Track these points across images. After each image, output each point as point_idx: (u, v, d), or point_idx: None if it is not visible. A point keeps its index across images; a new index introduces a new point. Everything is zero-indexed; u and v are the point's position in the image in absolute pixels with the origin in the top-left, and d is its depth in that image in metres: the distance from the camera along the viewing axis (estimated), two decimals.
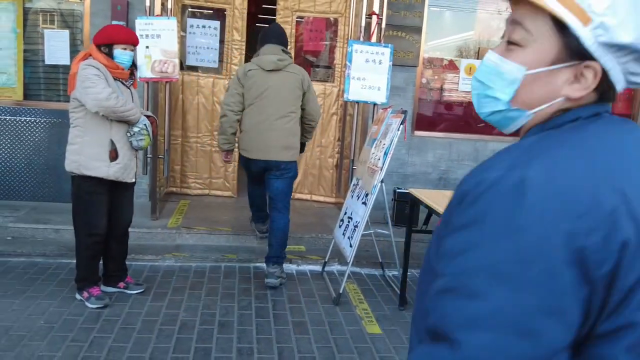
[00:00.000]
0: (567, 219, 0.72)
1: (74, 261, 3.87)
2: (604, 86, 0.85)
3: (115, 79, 3.63)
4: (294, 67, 4.28)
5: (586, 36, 0.81)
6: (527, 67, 0.87)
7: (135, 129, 3.79)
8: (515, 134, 0.98)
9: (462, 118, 6.64)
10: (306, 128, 4.45)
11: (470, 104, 6.57)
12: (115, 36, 3.62)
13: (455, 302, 0.76)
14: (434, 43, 6.44)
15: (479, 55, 6.62)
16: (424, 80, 6.34)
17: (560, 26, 0.83)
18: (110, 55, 3.62)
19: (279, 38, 4.33)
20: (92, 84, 3.44)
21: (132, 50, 3.73)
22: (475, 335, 0.73)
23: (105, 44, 3.61)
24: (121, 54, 3.65)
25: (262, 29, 4.52)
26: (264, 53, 4.23)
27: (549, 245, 0.72)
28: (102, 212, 3.74)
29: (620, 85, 0.86)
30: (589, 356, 0.76)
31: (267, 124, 4.16)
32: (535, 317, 0.72)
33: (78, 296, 3.82)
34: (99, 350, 3.21)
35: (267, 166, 4.23)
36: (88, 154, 3.60)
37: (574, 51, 0.83)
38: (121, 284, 4.03)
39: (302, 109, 4.33)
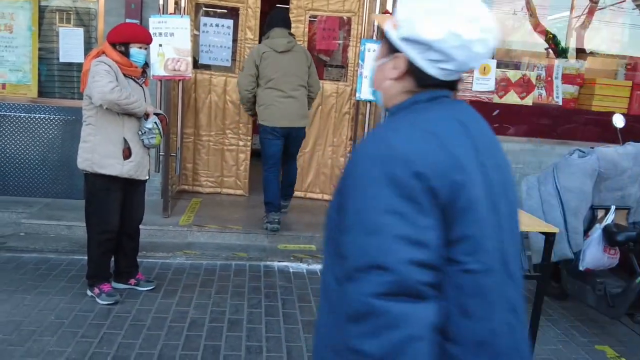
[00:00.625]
0: (413, 166, 1.08)
1: (86, 258, 3.90)
2: (417, 72, 1.22)
3: (127, 77, 3.65)
4: (299, 47, 5.17)
5: (394, 36, 1.22)
6: (376, 62, 1.31)
7: (147, 127, 3.81)
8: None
9: None
10: (309, 100, 5.24)
11: (484, 104, 6.51)
12: (133, 35, 3.65)
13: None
14: None
15: (494, 55, 6.56)
16: None
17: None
18: (126, 53, 3.65)
19: (285, 22, 5.13)
20: (100, 78, 3.46)
21: (146, 49, 3.75)
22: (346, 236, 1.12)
23: (121, 43, 3.63)
24: (137, 53, 3.68)
25: (268, 14, 5.24)
26: (274, 37, 4.97)
27: (401, 182, 1.08)
28: (115, 209, 3.75)
29: (432, 71, 1.20)
30: (448, 258, 1.11)
31: (285, 97, 4.93)
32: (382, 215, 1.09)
33: (89, 292, 3.84)
34: (109, 346, 3.22)
35: (289, 132, 5.02)
36: (101, 152, 3.62)
37: (392, 48, 1.24)
38: (132, 281, 4.04)
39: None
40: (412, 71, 1.22)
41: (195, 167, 6.33)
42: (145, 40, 3.72)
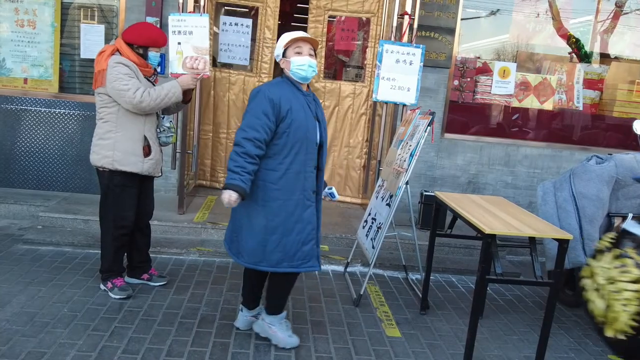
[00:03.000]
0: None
1: (100, 252, 3.94)
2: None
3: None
4: None
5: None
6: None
7: (166, 126, 3.87)
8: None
9: (494, 121, 6.52)
10: None
11: (503, 107, 6.45)
12: (154, 40, 3.71)
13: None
14: (468, 44, 6.34)
15: (516, 58, 6.50)
16: (455, 82, 6.25)
17: None
18: (144, 55, 3.70)
19: None
20: (125, 86, 3.49)
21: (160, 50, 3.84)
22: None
23: (142, 45, 3.67)
24: (154, 56, 3.78)
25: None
26: None
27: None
28: (131, 205, 3.80)
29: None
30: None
31: None
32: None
33: (102, 286, 3.89)
34: (119, 340, 3.25)
35: None
36: (123, 149, 3.65)
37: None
38: (145, 276, 4.08)
39: None
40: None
41: (213, 163, 6.37)
42: (164, 44, 3.80)
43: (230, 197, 2.91)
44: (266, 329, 3.38)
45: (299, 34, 3.14)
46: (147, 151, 3.74)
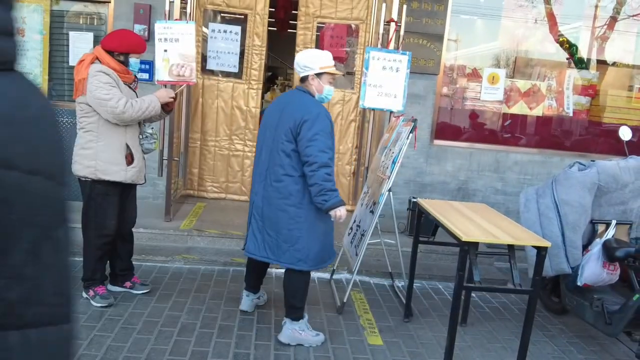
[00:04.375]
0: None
1: (82, 260, 3.92)
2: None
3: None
4: None
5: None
6: None
7: (148, 132, 3.87)
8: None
9: (483, 128, 6.52)
10: None
11: (492, 113, 6.45)
12: (135, 46, 3.71)
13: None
14: (456, 51, 6.35)
15: (513, 64, 6.50)
16: (444, 89, 6.25)
17: None
18: (125, 62, 3.70)
19: None
20: (106, 95, 3.48)
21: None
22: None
23: (123, 52, 3.67)
24: (135, 62, 3.77)
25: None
26: None
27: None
28: (114, 213, 3.79)
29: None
30: None
31: None
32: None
33: (84, 294, 3.87)
34: (97, 348, 3.24)
35: None
36: (105, 158, 3.63)
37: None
38: (127, 284, 4.07)
39: None
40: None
41: (201, 172, 6.36)
42: (144, 50, 3.80)
43: (342, 212, 3.28)
44: (296, 335, 3.48)
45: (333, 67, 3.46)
46: (129, 159, 3.73)
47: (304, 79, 3.42)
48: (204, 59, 6.20)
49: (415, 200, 5.43)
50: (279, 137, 3.32)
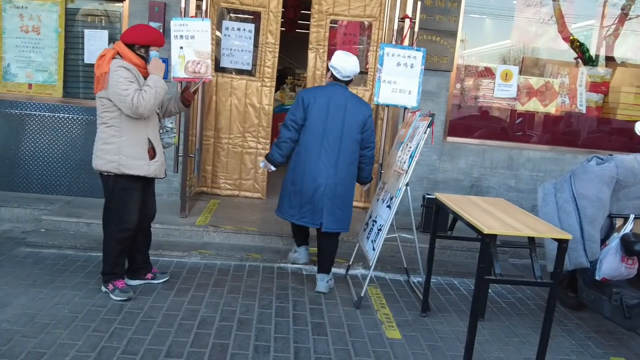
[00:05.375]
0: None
1: (102, 254, 3.95)
2: (332, 75, 4.21)
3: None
4: None
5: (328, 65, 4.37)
6: None
7: (168, 126, 3.91)
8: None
9: (496, 125, 6.51)
10: None
11: (505, 110, 6.45)
12: (155, 39, 3.73)
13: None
14: (470, 48, 6.35)
15: (523, 62, 6.51)
16: (457, 86, 6.25)
17: None
18: (146, 55, 3.72)
19: None
20: (125, 91, 3.50)
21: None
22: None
23: (144, 45, 3.68)
24: (155, 54, 3.76)
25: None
26: None
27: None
28: (136, 207, 3.82)
29: (339, 75, 4.18)
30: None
31: None
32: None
33: (103, 288, 3.90)
34: (119, 341, 3.26)
35: None
36: (128, 153, 3.66)
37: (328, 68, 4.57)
38: (149, 275, 4.15)
39: None
40: (332, 74, 4.19)
41: (215, 169, 6.39)
42: (164, 43, 3.82)
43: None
44: (330, 284, 4.30)
45: None
46: (152, 154, 3.76)
47: (349, 82, 4.24)
48: (217, 56, 6.23)
49: (429, 196, 5.46)
50: (351, 128, 4.10)
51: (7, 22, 5.76)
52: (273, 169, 4.36)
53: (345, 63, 4.12)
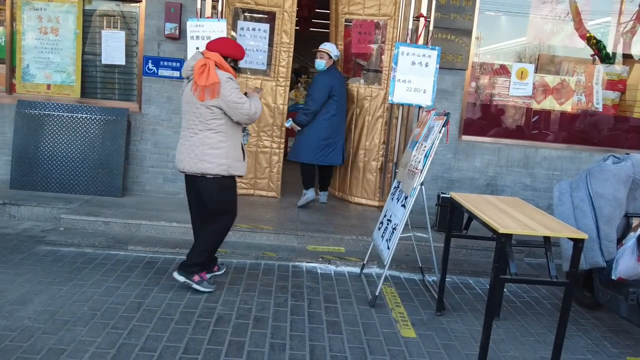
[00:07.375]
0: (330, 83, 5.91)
1: (121, 253, 4.06)
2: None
3: None
4: None
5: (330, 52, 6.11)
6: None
7: (247, 130, 4.23)
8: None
9: (512, 123, 6.49)
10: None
11: (521, 108, 6.42)
12: (243, 54, 4.02)
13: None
14: (485, 46, 6.33)
15: (538, 60, 6.47)
16: (473, 84, 6.24)
17: None
18: (236, 68, 4.03)
19: None
20: (241, 99, 3.80)
21: None
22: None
23: (237, 58, 3.98)
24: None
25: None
26: None
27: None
28: (236, 202, 4.15)
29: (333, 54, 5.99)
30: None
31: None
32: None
33: (181, 279, 4.04)
34: (137, 338, 3.31)
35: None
36: (234, 156, 3.95)
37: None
38: (216, 267, 4.40)
39: None
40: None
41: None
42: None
43: None
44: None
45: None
46: (243, 155, 4.06)
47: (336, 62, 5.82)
48: None
49: (444, 195, 5.46)
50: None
51: (26, 24, 5.86)
52: (299, 129, 5.89)
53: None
